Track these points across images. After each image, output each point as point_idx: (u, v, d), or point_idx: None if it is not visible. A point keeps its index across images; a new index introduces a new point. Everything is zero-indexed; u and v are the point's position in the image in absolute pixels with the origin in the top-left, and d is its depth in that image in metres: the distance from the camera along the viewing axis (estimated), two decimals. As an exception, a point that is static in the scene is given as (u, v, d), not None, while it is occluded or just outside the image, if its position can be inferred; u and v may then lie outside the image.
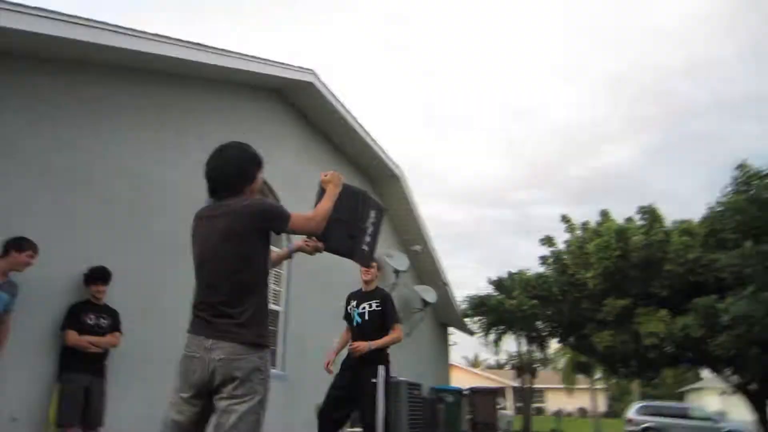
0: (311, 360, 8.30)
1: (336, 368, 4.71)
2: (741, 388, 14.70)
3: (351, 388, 4.45)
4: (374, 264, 4.85)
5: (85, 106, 5.15)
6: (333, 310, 9.09)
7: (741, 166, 11.67)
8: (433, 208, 77.94)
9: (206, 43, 6.02)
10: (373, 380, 4.33)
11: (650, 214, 12.00)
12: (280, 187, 8.15)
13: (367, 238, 3.01)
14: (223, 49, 6.28)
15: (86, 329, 4.47)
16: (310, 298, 8.59)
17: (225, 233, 2.20)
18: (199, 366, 2.10)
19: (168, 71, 6.05)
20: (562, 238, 14.62)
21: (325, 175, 2.65)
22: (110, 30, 4.82)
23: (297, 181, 8.65)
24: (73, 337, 4.40)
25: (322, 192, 2.62)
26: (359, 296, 4.91)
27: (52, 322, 4.48)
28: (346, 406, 4.51)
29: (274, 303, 7.90)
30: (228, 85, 7.12)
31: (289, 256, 2.95)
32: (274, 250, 2.88)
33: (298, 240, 2.90)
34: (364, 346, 4.48)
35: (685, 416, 18.94)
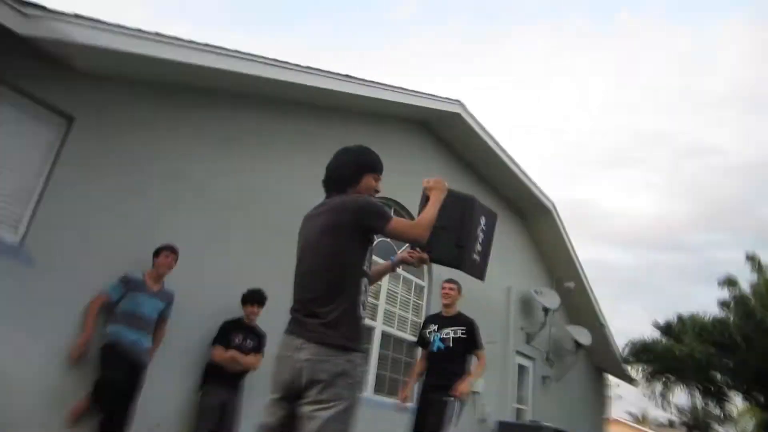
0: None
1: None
2: None
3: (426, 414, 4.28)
4: (454, 286, 4.59)
5: (242, 136, 5.56)
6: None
7: None
8: (601, 251, 73.59)
9: (354, 75, 6.22)
10: (445, 398, 4.13)
11: None
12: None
13: (478, 248, 2.77)
14: (370, 81, 6.45)
15: (231, 347, 4.69)
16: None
17: (323, 228, 2.15)
18: (288, 366, 2.03)
19: (316, 103, 6.33)
20: (747, 280, 12.69)
21: (428, 182, 2.50)
22: (261, 62, 5.15)
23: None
24: (219, 352, 4.64)
25: (425, 199, 2.46)
26: (440, 320, 4.66)
27: (200, 338, 4.78)
28: None
29: (411, 333, 7.75)
30: (375, 117, 7.29)
31: (393, 268, 2.77)
32: (377, 262, 2.74)
33: (402, 252, 2.75)
34: (465, 387, 4.32)
35: None
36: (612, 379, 15.07)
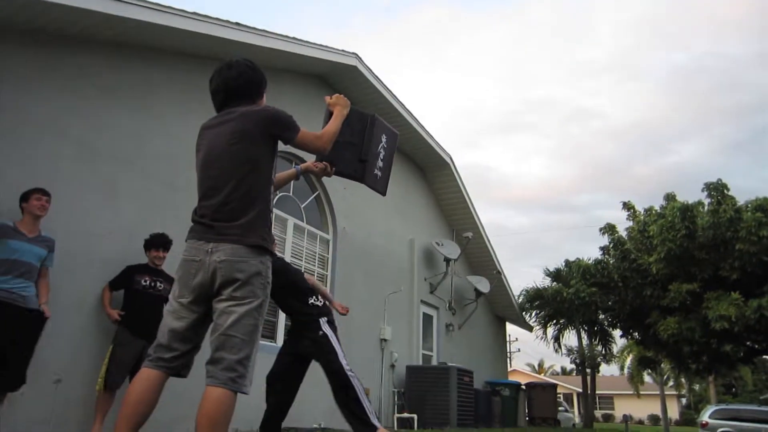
0: (357, 344, 8.25)
1: None
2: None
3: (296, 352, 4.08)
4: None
5: (124, 88, 5.30)
6: (381, 296, 9.07)
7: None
8: (499, 214, 77.35)
9: (245, 23, 6.11)
10: (320, 332, 3.99)
11: (718, 190, 11.25)
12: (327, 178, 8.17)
13: (380, 163, 2.93)
14: (262, 30, 6.36)
15: (140, 289, 4.59)
16: (356, 283, 8.57)
17: (235, 134, 2.16)
18: (199, 269, 2.06)
19: (205, 53, 6.12)
20: (624, 226, 14.03)
21: (330, 98, 2.61)
22: (140, 5, 4.90)
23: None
24: (105, 294, 4.57)
25: (329, 115, 2.56)
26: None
27: (93, 290, 4.63)
28: (297, 372, 4.10)
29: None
30: (270, 69, 7.14)
31: (297, 176, 2.87)
32: (281, 173, 2.80)
33: (307, 162, 2.85)
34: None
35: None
36: (511, 332, 16.13)
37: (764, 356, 15.47)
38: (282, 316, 7.12)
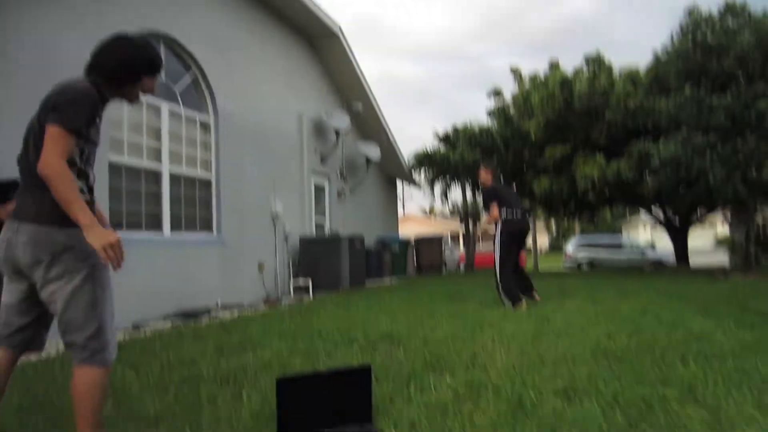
0: (249, 223, 8.40)
1: None
2: (665, 223, 15.89)
3: None
4: None
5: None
6: (271, 172, 9.06)
7: (691, 12, 11.31)
8: (391, 66, 75.78)
9: None
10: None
11: (596, 62, 11.80)
12: (201, 48, 7.57)
13: None
14: None
15: None
16: (244, 162, 8.45)
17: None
18: (10, 248, 1.94)
19: None
20: (510, 90, 14.54)
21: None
22: None
23: (223, 43, 8.02)
24: None
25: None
26: None
27: None
28: None
29: (204, 170, 7.72)
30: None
31: None
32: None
33: None
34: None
35: (618, 248, 20.89)
36: (403, 185, 16.85)
37: (619, 204, 17.56)
38: (167, 206, 6.98)
